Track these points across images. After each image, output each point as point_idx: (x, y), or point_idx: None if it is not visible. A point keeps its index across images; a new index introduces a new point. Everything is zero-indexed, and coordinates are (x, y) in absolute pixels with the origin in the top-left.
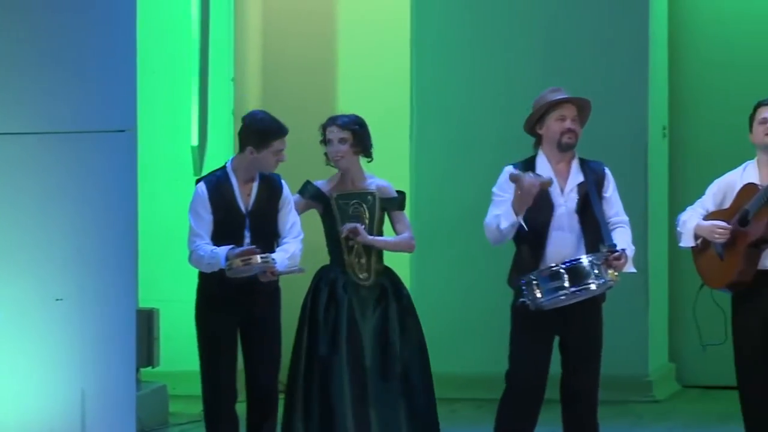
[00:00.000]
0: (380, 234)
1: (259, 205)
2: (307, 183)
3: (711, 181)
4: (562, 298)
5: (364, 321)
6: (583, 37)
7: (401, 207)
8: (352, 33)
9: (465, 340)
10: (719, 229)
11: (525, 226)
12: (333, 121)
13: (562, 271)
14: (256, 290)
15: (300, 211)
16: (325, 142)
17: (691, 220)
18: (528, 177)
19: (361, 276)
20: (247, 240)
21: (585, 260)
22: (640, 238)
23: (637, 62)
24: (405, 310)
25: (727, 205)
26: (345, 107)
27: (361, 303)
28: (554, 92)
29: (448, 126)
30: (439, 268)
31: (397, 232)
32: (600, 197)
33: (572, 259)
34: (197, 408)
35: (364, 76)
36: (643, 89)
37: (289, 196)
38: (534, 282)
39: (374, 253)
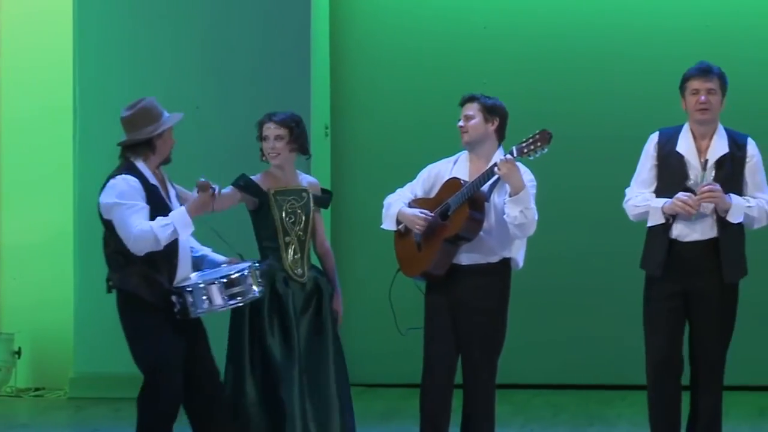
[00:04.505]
0: (313, 230)
1: None
2: (243, 175)
3: (374, 179)
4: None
5: (303, 317)
6: (245, 36)
7: (327, 206)
8: (14, 29)
9: None
10: (420, 220)
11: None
12: (270, 117)
13: (243, 276)
14: None
15: (233, 203)
16: (261, 138)
17: (396, 204)
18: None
19: (297, 272)
20: None
21: (248, 271)
22: None
23: (299, 62)
24: (330, 303)
25: (434, 193)
26: (8, 104)
27: (297, 298)
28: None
29: (112, 125)
30: None
31: (314, 232)
32: None
33: (242, 268)
34: None
35: (26, 74)
36: (305, 89)
37: None
38: (202, 287)
39: (307, 248)
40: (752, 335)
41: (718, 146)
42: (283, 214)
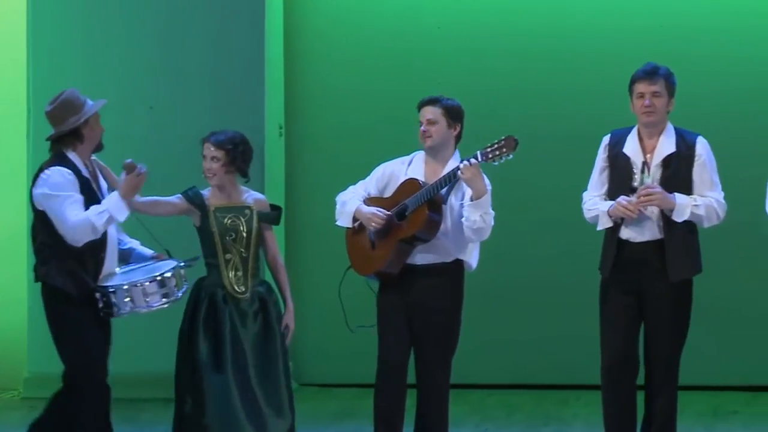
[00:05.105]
0: (257, 247)
1: None
2: (194, 188)
3: (328, 179)
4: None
5: (246, 330)
6: (199, 36)
7: (276, 222)
8: None
9: None
10: (377, 218)
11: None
12: (209, 137)
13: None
14: None
15: (176, 211)
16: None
17: (352, 202)
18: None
19: (238, 290)
20: None
21: (172, 272)
22: None
23: (253, 62)
24: (279, 316)
25: (389, 192)
26: None
27: (241, 314)
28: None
29: None
30: None
31: (264, 248)
32: None
33: (166, 269)
34: None
35: None
36: (259, 88)
37: None
38: (125, 288)
39: (251, 266)
40: (706, 334)
41: (665, 146)
42: (223, 231)
